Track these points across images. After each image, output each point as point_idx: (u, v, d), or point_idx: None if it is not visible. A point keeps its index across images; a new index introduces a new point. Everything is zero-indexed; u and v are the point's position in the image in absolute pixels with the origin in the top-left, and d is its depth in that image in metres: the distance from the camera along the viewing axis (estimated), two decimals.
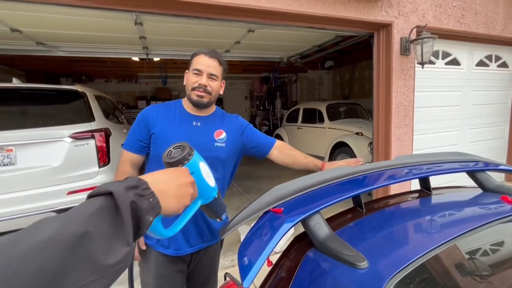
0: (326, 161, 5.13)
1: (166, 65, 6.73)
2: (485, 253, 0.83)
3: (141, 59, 5.01)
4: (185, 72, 1.17)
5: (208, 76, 1.10)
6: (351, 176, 0.97)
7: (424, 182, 1.10)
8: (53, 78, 6.90)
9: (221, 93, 1.20)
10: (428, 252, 0.64)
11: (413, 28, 2.80)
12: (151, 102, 8.36)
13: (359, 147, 4.28)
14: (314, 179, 0.95)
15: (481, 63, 3.68)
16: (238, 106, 9.95)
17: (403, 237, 0.78)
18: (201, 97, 1.10)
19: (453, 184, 1.32)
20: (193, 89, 1.10)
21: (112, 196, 0.35)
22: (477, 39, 3.44)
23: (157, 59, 4.92)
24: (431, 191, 1.08)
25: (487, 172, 1.09)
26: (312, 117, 5.74)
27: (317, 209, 0.76)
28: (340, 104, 5.81)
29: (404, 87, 2.93)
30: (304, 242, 0.80)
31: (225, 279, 1.76)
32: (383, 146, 3.02)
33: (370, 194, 2.93)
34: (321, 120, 5.44)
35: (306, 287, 0.62)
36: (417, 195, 1.07)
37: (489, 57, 3.74)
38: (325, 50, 4.79)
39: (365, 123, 4.92)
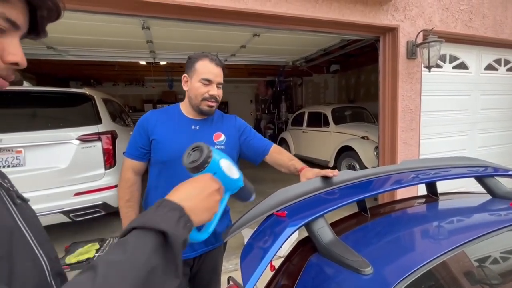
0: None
1: (172, 69, 6.81)
2: (494, 261, 0.81)
3: (148, 63, 5.09)
4: (183, 76, 1.14)
5: (217, 85, 1.11)
6: (356, 181, 0.96)
7: (431, 187, 1.08)
8: (62, 82, 7.04)
9: None
10: (435, 258, 0.62)
11: (419, 32, 2.78)
12: (157, 106, 8.46)
13: (365, 151, 4.24)
14: (318, 183, 0.94)
15: (489, 67, 3.62)
16: (243, 109, 9.97)
17: (409, 243, 0.76)
18: (212, 106, 1.11)
19: (461, 190, 1.30)
20: (204, 99, 1.09)
21: (164, 235, 0.37)
22: (485, 43, 3.38)
23: (163, 63, 4.99)
24: (438, 197, 1.06)
25: (497, 178, 1.06)
26: (317, 120, 5.71)
27: (321, 213, 0.75)
28: (345, 108, 5.77)
29: (411, 91, 2.90)
30: (308, 246, 0.79)
31: (228, 283, 1.76)
32: (389, 151, 2.98)
33: (376, 199, 2.89)
34: (326, 124, 5.41)
35: None
36: (423, 200, 1.05)
37: (498, 61, 3.68)
38: (330, 54, 4.78)
39: (371, 127, 4.88)
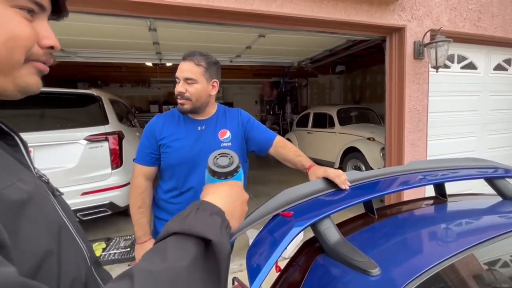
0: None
1: None
2: (505, 264, 0.79)
3: (154, 64, 5.13)
4: None
5: (184, 81, 1.07)
6: (363, 181, 0.95)
7: (439, 188, 1.06)
8: (70, 83, 7.16)
9: (213, 93, 1.13)
10: (444, 261, 0.61)
11: (426, 32, 2.75)
12: (163, 107, 8.53)
13: (371, 153, 4.20)
14: (324, 183, 0.93)
15: (499, 67, 3.55)
16: (248, 110, 9.67)
17: (417, 245, 0.75)
18: (182, 104, 1.08)
19: (470, 192, 1.27)
20: (176, 97, 1.09)
21: (206, 241, 0.34)
22: (494, 43, 3.33)
23: (169, 64, 5.03)
24: (446, 198, 1.04)
25: (507, 179, 1.04)
26: (322, 121, 5.68)
27: (327, 213, 0.75)
28: (351, 109, 5.73)
29: (418, 91, 2.87)
30: (314, 247, 0.79)
31: (233, 283, 1.76)
32: (395, 152, 2.95)
33: (382, 201, 2.86)
34: (332, 124, 5.37)
35: None
36: (431, 201, 1.04)
37: (507, 61, 3.61)
38: (336, 54, 4.76)
39: (377, 128, 4.83)
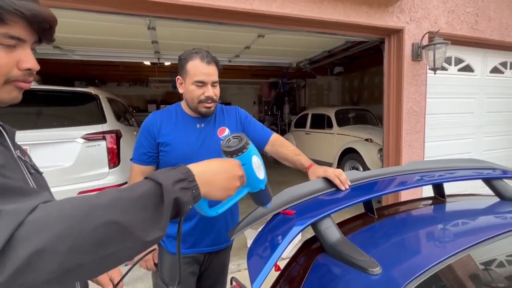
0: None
1: (176, 70, 6.81)
2: (502, 264, 0.79)
3: (152, 63, 5.11)
4: (177, 78, 1.12)
5: (211, 85, 1.07)
6: (363, 181, 0.95)
7: (438, 189, 1.07)
8: (67, 81, 7.10)
9: None
10: (444, 260, 0.62)
11: (425, 34, 2.77)
12: (161, 106, 8.49)
13: (369, 154, 4.22)
14: (324, 183, 0.93)
15: (495, 70, 3.59)
16: (246, 110, 9.89)
17: (417, 245, 0.75)
18: (209, 107, 1.09)
19: (466, 193, 1.28)
20: (200, 101, 1.07)
21: (160, 187, 0.40)
22: (491, 46, 3.36)
23: (168, 63, 5.01)
24: (445, 198, 1.05)
25: (505, 180, 1.05)
26: (320, 122, 5.70)
27: (328, 212, 0.75)
28: (349, 110, 5.75)
29: (416, 93, 2.89)
30: (314, 247, 0.79)
31: (231, 283, 1.75)
32: (393, 153, 2.96)
33: (379, 201, 2.87)
34: (330, 125, 5.39)
35: None
36: (430, 202, 1.04)
37: (503, 64, 3.65)
38: (334, 55, 4.78)
39: (374, 130, 4.85)
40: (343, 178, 0.90)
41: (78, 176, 2.56)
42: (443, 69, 3.06)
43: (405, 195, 2.77)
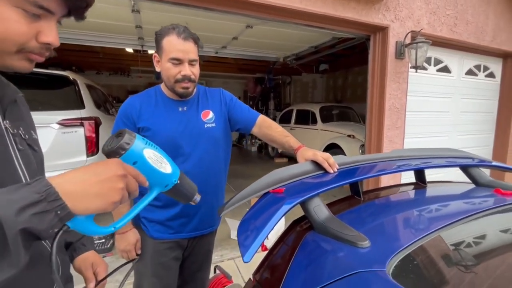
0: None
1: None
2: (470, 243, 0.84)
3: (135, 50, 4.92)
4: (154, 55, 1.05)
5: (189, 63, 1.00)
6: (351, 165, 0.96)
7: (420, 175, 1.11)
8: (40, 66, 6.68)
9: None
10: (427, 235, 0.64)
11: (408, 33, 2.86)
12: None
13: (351, 149, 4.33)
14: (312, 166, 0.94)
15: (470, 72, 3.79)
16: None
17: (402, 223, 0.77)
18: (187, 88, 1.02)
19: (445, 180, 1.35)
20: (177, 81, 1.00)
21: None
22: (467, 48, 3.54)
23: (152, 51, 4.83)
24: (426, 184, 1.09)
25: (481, 168, 1.11)
26: (305, 118, 5.77)
27: (317, 191, 0.75)
28: (333, 107, 5.87)
29: (398, 90, 2.99)
30: (302, 226, 0.79)
31: (214, 272, 1.73)
32: (375, 147, 3.05)
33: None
34: (314, 121, 5.48)
35: (306, 266, 0.61)
36: (412, 187, 1.08)
37: (477, 67, 3.86)
38: (320, 52, 4.84)
39: (357, 126, 4.99)
40: (332, 162, 0.91)
41: (52, 164, 2.42)
42: (423, 68, 3.19)
43: (385, 181, 2.89)
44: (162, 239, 1.08)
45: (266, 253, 0.77)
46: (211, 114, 1.11)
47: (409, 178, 1.14)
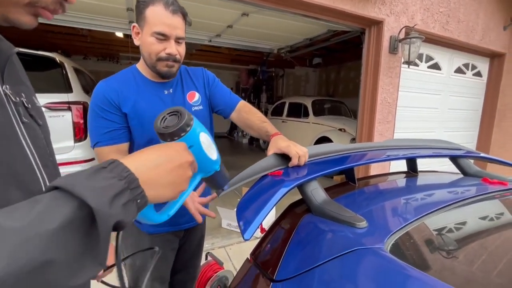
0: None
1: None
2: (462, 225, 0.87)
3: (125, 35, 4.75)
4: (133, 26, 0.89)
5: (175, 41, 0.88)
6: (346, 152, 0.98)
7: (411, 164, 1.14)
8: (25, 46, 6.37)
9: None
10: (423, 216, 0.66)
11: (402, 28, 2.89)
12: None
13: (342, 142, 4.39)
14: (311, 151, 0.94)
15: (459, 70, 3.89)
16: None
17: (397, 206, 0.79)
18: (171, 66, 0.90)
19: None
20: (160, 59, 0.88)
21: (90, 210, 0.26)
22: (457, 47, 3.62)
23: None
24: (417, 173, 1.12)
25: (469, 159, 1.15)
26: (297, 111, 5.79)
27: (314, 175, 0.76)
28: (325, 101, 5.91)
29: (390, 84, 3.03)
30: (300, 209, 0.79)
31: (206, 259, 1.74)
32: (366, 141, 3.11)
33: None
34: (306, 115, 5.50)
35: (304, 246, 0.62)
36: (404, 175, 1.11)
37: (466, 65, 3.96)
38: (314, 45, 4.83)
39: (348, 121, 5.05)
40: (302, 161, 0.82)
41: None
42: (415, 64, 3.24)
43: (375, 169, 2.96)
44: (158, 233, 1.05)
45: (263, 235, 0.78)
46: (197, 96, 1.02)
47: (400, 167, 1.17)
